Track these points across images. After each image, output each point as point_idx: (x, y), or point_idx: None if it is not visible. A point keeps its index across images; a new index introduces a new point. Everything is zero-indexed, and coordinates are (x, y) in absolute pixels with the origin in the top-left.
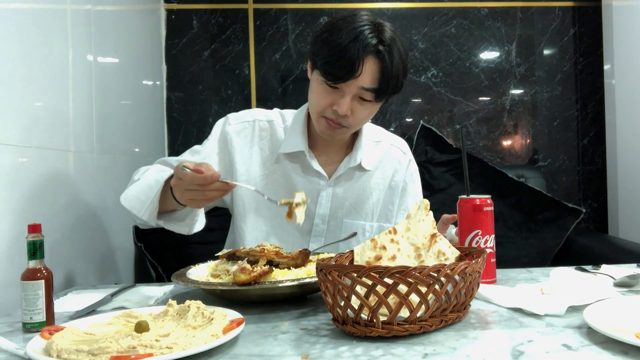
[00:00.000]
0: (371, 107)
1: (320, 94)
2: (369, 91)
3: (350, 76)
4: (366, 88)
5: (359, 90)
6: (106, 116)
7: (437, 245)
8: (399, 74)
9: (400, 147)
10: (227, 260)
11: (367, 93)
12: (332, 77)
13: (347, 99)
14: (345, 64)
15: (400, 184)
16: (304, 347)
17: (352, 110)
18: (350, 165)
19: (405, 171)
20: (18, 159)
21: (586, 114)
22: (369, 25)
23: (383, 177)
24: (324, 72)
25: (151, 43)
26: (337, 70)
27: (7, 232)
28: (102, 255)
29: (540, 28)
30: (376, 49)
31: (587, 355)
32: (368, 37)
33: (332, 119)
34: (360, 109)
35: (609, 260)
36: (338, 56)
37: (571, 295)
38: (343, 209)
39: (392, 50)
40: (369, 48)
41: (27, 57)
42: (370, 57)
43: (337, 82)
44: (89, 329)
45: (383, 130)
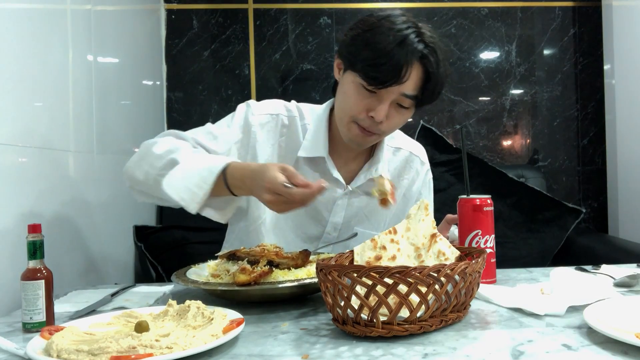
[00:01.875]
0: (407, 114)
1: (355, 98)
2: (409, 98)
3: (395, 81)
4: (407, 95)
5: (398, 97)
6: (106, 116)
7: (437, 245)
8: (442, 80)
9: (419, 155)
10: (227, 260)
11: (406, 100)
12: (376, 81)
13: (386, 104)
14: (392, 68)
15: (415, 195)
16: (304, 347)
17: (388, 116)
18: (370, 176)
19: (422, 182)
20: (18, 159)
21: (586, 114)
22: (413, 28)
23: (399, 186)
24: (366, 76)
25: (151, 43)
26: (382, 75)
27: (7, 232)
28: (102, 255)
29: (540, 28)
30: (422, 54)
31: (587, 355)
32: (414, 41)
33: (366, 125)
34: (395, 116)
35: (609, 260)
36: (384, 59)
37: (571, 295)
38: (356, 218)
39: (438, 55)
40: (416, 53)
41: (27, 57)
42: (416, 62)
43: (380, 86)
44: (89, 329)
45: (401, 135)
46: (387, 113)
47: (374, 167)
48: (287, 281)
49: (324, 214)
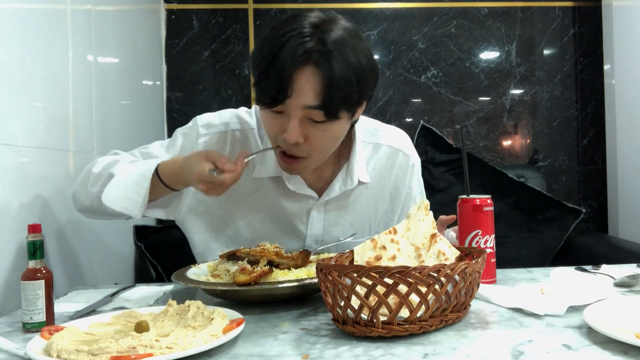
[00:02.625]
0: (330, 128)
1: (266, 122)
2: (316, 109)
3: (284, 96)
4: (310, 106)
5: (304, 111)
6: (106, 116)
7: (437, 245)
8: (349, 81)
9: (401, 147)
10: (227, 260)
11: (314, 112)
12: (265, 100)
13: (294, 123)
14: (273, 83)
15: (404, 191)
16: (304, 347)
17: (306, 136)
18: (346, 188)
19: (409, 177)
20: (18, 159)
21: (586, 114)
22: (308, 27)
23: (382, 186)
24: (257, 96)
25: (151, 43)
26: (267, 93)
27: (7, 232)
28: (102, 255)
29: (540, 28)
30: (311, 57)
31: (587, 355)
32: (302, 42)
33: (287, 149)
34: (315, 134)
35: (609, 260)
36: (265, 73)
37: (571, 295)
38: (339, 227)
39: (333, 54)
40: (299, 56)
41: (27, 57)
42: (306, 67)
43: (273, 105)
44: (89, 329)
45: (380, 127)
46: (304, 132)
47: (349, 179)
48: (287, 281)
49: (301, 227)
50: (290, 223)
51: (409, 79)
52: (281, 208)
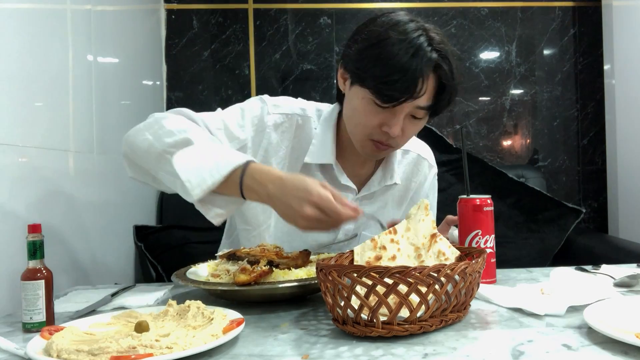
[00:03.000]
0: (421, 123)
1: (367, 115)
2: (424, 109)
3: (410, 97)
4: (422, 107)
5: (412, 109)
6: (106, 116)
7: (437, 245)
8: (457, 87)
9: (428, 158)
10: (227, 260)
11: (420, 111)
12: (390, 98)
13: (400, 119)
14: (407, 84)
15: (423, 197)
16: (304, 347)
17: (402, 129)
18: (385, 183)
19: (428, 186)
20: (18, 159)
21: (586, 114)
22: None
23: (406, 189)
24: (378, 93)
25: (151, 43)
26: (397, 92)
27: (7, 232)
28: (102, 255)
29: (540, 28)
30: (435, 64)
31: (587, 355)
32: (427, 51)
33: (381, 140)
34: (410, 127)
35: (609, 260)
36: (397, 75)
37: (571, 295)
38: (367, 222)
39: (451, 62)
40: (429, 64)
41: (27, 57)
42: (430, 73)
43: (394, 103)
44: (89, 329)
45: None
46: (403, 126)
47: (388, 175)
48: (287, 281)
49: None
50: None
51: None
52: None
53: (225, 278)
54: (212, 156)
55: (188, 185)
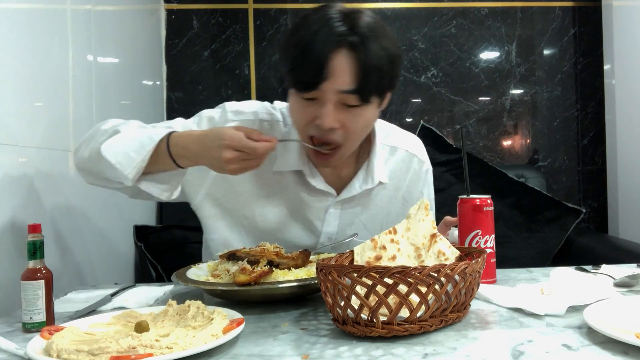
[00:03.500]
0: (362, 112)
1: (299, 111)
2: (351, 93)
3: (320, 79)
4: (346, 90)
5: (339, 96)
6: (106, 116)
7: (437, 245)
8: (383, 65)
9: (417, 154)
10: (227, 260)
11: (349, 97)
12: (301, 85)
13: (328, 108)
14: (311, 65)
15: (416, 196)
16: (304, 347)
17: (341, 122)
18: (366, 187)
19: (423, 182)
20: (18, 159)
21: (586, 114)
22: (338, 15)
23: (396, 188)
24: (291, 82)
25: (151, 43)
26: (303, 75)
27: (7, 232)
28: (102, 255)
29: (540, 28)
30: (346, 40)
31: (587, 355)
32: (334, 26)
33: (320, 136)
34: (349, 118)
35: (609, 260)
36: (302, 59)
37: (571, 295)
38: (352, 226)
39: (368, 38)
40: (334, 40)
41: (27, 57)
42: (341, 51)
43: (309, 90)
44: (89, 329)
45: (397, 131)
46: (338, 118)
47: (370, 178)
48: (287, 281)
49: (316, 224)
50: (307, 219)
51: (409, 79)
52: (300, 203)
53: (225, 278)
54: (137, 137)
55: (119, 167)
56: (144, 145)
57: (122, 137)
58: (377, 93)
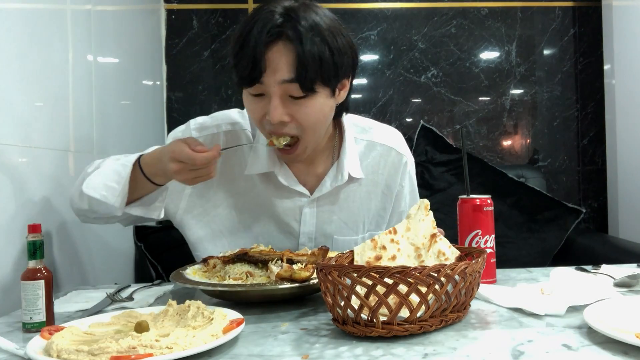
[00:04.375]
0: (311, 104)
1: (249, 108)
2: (291, 82)
3: (258, 72)
4: (286, 80)
5: (282, 87)
6: (106, 116)
7: (437, 245)
8: (322, 54)
9: (394, 146)
10: (235, 262)
11: (291, 87)
12: (243, 80)
13: (274, 102)
14: (248, 59)
15: (395, 189)
16: (304, 347)
17: (290, 114)
18: (337, 184)
19: (401, 175)
20: (18, 159)
21: (586, 114)
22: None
23: (375, 183)
24: (237, 78)
25: (151, 43)
26: (244, 70)
27: (7, 232)
28: (102, 255)
29: (540, 28)
30: (282, 32)
31: (587, 355)
32: (270, 19)
33: (274, 130)
34: (299, 111)
35: (609, 260)
36: (240, 54)
37: (571, 295)
38: (332, 224)
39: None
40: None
41: (27, 57)
42: (277, 43)
43: (251, 84)
44: (89, 329)
45: (373, 125)
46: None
47: (339, 174)
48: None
49: (293, 224)
50: (283, 221)
51: (409, 79)
52: (273, 206)
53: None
54: (112, 168)
55: (104, 200)
56: (120, 173)
57: (99, 172)
58: (321, 82)
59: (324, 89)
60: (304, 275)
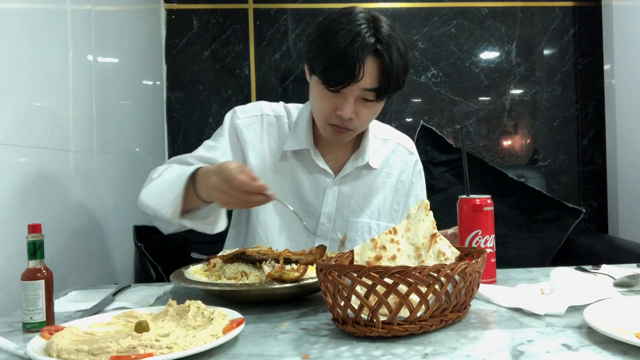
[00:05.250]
0: (375, 106)
1: (322, 100)
2: (371, 91)
3: (351, 80)
4: (368, 89)
5: (361, 92)
6: (106, 116)
7: (437, 245)
8: (399, 70)
9: (407, 146)
10: (233, 261)
11: (369, 93)
12: (333, 83)
13: (350, 102)
14: (345, 68)
15: (407, 184)
16: (304, 347)
17: (356, 112)
18: (357, 165)
19: (412, 171)
20: (18, 159)
21: (586, 114)
22: (365, 24)
23: (389, 176)
24: (324, 79)
25: (151, 43)
26: (338, 77)
27: (7, 232)
28: (102, 255)
29: (540, 28)
30: (374, 48)
31: (587, 355)
32: (365, 37)
33: (338, 124)
34: (364, 111)
35: (609, 260)
36: (337, 62)
37: (571, 295)
38: (349, 208)
39: (391, 47)
40: (367, 48)
41: (27, 57)
42: (369, 57)
43: (338, 87)
44: (89, 329)
45: (389, 128)
46: (355, 109)
47: (360, 157)
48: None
49: (316, 205)
50: (307, 200)
51: (409, 79)
52: (300, 185)
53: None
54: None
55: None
56: (175, 184)
57: (158, 181)
58: (391, 92)
59: (387, 97)
60: (294, 276)
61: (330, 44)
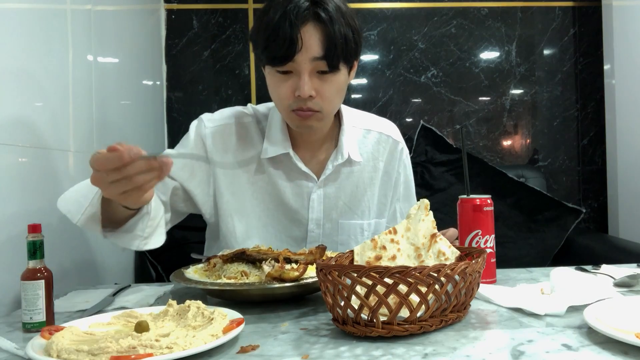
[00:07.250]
0: (334, 79)
1: (277, 86)
2: (321, 60)
3: (293, 51)
4: (317, 57)
5: (312, 64)
6: (106, 116)
7: (437, 245)
8: (345, 31)
9: (391, 134)
10: (233, 261)
11: (320, 63)
12: (277, 60)
13: (305, 78)
14: (283, 40)
15: (394, 175)
16: (304, 347)
17: (317, 90)
18: (337, 163)
19: (399, 161)
20: (18, 159)
21: (586, 114)
22: None
23: (375, 169)
24: (268, 60)
25: (151, 43)
26: (278, 50)
27: (7, 232)
28: (102, 255)
29: (540, 28)
30: (311, 13)
31: (587, 355)
32: (299, 3)
33: (301, 106)
34: (323, 86)
35: (609, 260)
36: (274, 36)
37: (571, 295)
38: (337, 210)
39: (329, 9)
40: (302, 14)
41: (27, 57)
42: (308, 24)
43: (285, 62)
44: (89, 329)
45: (369, 116)
46: (314, 86)
47: (339, 155)
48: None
49: (302, 212)
50: (292, 208)
51: (409, 79)
52: (283, 193)
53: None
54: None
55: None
56: (92, 189)
57: (78, 185)
58: (344, 60)
59: (344, 67)
60: (293, 275)
61: (265, 21)
